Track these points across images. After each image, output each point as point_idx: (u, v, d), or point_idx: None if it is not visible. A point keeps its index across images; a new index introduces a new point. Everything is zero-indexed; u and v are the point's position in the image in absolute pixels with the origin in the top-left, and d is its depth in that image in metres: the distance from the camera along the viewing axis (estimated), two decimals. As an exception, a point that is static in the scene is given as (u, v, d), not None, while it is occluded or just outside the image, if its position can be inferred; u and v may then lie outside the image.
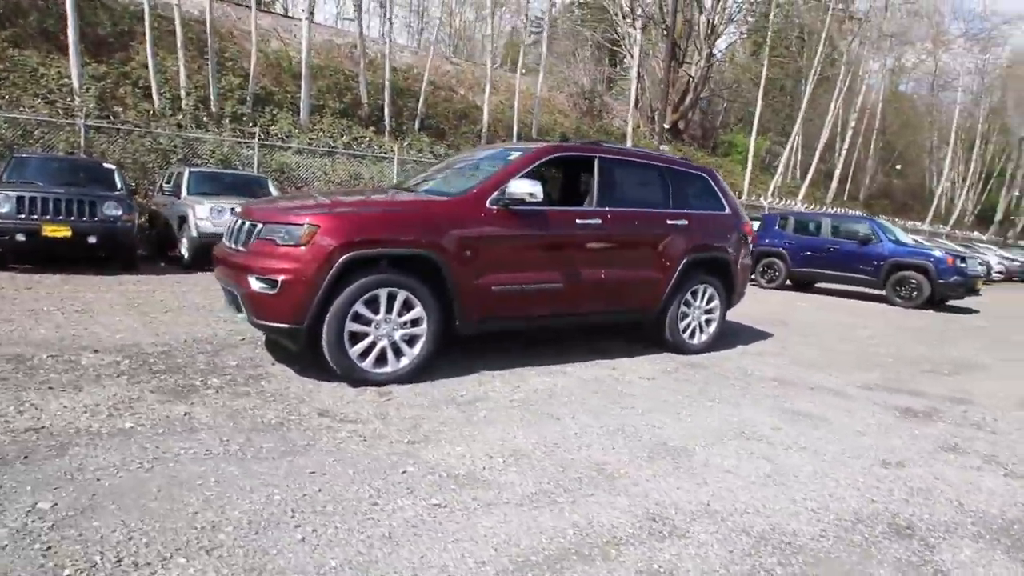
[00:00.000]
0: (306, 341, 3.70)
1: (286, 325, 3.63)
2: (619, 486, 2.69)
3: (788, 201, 25.26)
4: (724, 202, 5.68)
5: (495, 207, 4.16)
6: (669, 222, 5.12)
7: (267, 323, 3.69)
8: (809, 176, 29.87)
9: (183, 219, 8.64)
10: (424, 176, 5.37)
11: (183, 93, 13.71)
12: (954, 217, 38.96)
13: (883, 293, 11.22)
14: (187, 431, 2.90)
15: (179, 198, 9.08)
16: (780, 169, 29.36)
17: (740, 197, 25.21)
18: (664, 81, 19.41)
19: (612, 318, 5.04)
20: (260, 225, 3.77)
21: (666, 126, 26.13)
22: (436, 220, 4.01)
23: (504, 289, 4.22)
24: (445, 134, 18.76)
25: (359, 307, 3.69)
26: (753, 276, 11.78)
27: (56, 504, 2.14)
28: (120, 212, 7.44)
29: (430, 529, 2.20)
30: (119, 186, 8.40)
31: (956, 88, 37.42)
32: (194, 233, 8.43)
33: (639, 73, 28.06)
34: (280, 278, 3.54)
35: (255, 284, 3.62)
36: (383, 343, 3.82)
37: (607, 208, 4.75)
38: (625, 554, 2.15)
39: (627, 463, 2.94)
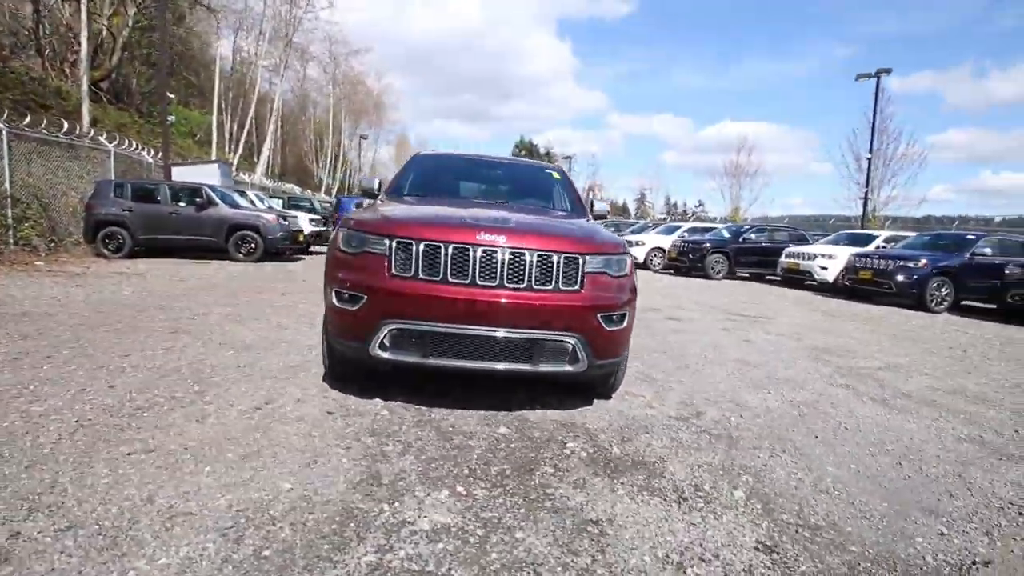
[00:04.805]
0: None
1: (621, 358, 3.16)
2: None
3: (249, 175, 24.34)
4: None
5: None
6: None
7: (611, 360, 3.07)
8: (239, 152, 29.40)
9: None
10: (424, 181, 4.30)
11: None
12: (324, 187, 45.92)
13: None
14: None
15: None
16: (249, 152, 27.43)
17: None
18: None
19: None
20: (582, 257, 2.92)
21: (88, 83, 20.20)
22: None
23: None
24: None
25: None
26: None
27: None
28: None
29: None
30: None
31: (325, 93, 43.49)
32: None
33: (38, 9, 20.03)
34: (627, 312, 3.08)
35: (606, 324, 2.95)
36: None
37: None
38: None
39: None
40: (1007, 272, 9.29)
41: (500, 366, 2.89)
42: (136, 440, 2.46)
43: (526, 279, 2.84)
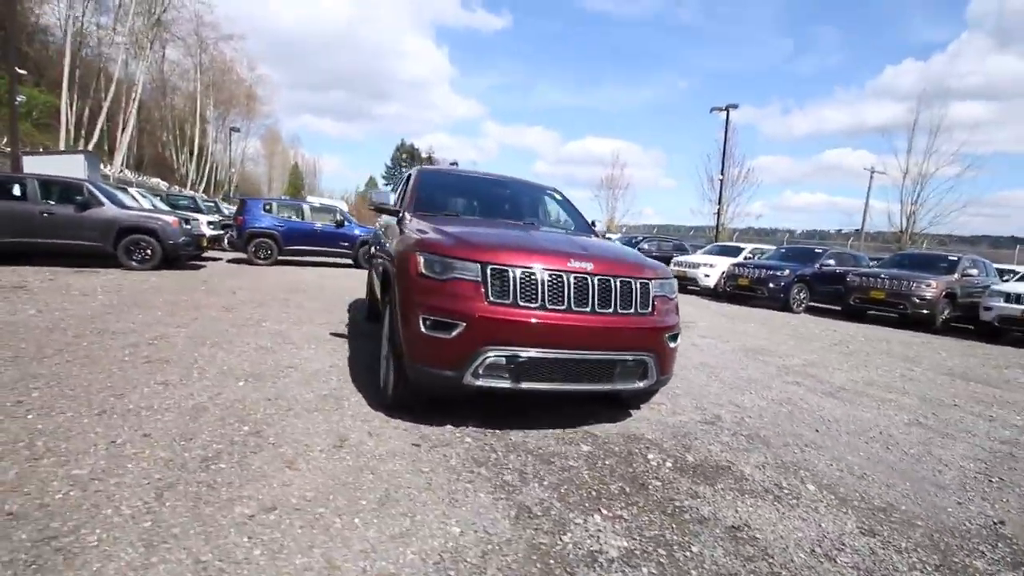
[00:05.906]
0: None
1: (672, 372, 3.39)
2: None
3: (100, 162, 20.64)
4: None
5: None
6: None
7: (669, 375, 3.27)
8: (93, 141, 24.91)
9: None
10: (430, 201, 4.16)
11: None
12: (190, 182, 40.81)
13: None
14: None
15: None
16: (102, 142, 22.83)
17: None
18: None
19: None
20: (651, 282, 3.11)
21: None
22: None
23: None
24: None
25: None
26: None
27: None
28: None
29: (837, 413, 4.19)
30: None
31: (189, 79, 38.41)
32: None
33: None
34: (680, 331, 3.33)
35: (670, 342, 3.17)
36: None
37: None
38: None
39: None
40: (849, 280, 11.39)
41: (585, 387, 2.98)
42: (244, 498, 2.12)
43: (613, 304, 2.96)
